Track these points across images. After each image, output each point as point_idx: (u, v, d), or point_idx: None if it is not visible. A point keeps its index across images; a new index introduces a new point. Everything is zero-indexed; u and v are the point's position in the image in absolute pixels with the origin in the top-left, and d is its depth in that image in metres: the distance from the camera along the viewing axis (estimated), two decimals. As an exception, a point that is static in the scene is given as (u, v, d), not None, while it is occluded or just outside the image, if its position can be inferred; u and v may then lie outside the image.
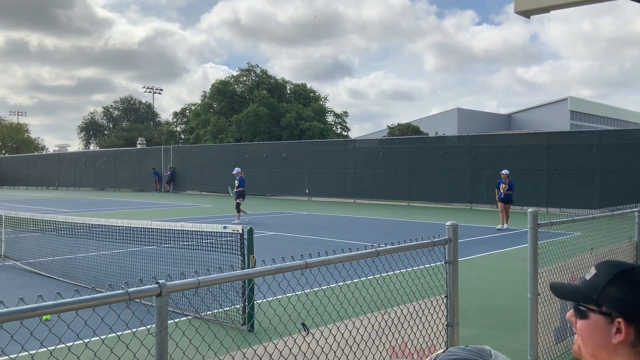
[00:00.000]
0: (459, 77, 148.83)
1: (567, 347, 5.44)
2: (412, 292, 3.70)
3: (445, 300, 3.73)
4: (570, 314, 1.38)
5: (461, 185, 25.41)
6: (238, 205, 18.43)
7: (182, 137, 59.25)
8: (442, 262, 3.76)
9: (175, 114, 61.99)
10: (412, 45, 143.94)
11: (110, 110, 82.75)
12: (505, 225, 16.64)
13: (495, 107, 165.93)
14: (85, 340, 2.28)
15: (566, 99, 68.36)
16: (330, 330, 3.07)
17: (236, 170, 19.38)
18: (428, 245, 3.49)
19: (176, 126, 62.52)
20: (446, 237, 3.64)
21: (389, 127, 54.41)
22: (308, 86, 54.83)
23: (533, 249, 4.76)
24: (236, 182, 18.71)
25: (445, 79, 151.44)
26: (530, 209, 4.83)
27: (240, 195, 18.53)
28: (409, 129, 50.59)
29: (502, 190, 16.88)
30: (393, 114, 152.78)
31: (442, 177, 26.22)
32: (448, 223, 3.69)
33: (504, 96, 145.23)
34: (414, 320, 3.53)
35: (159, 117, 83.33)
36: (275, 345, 2.81)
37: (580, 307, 1.34)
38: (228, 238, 6.92)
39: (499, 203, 17.02)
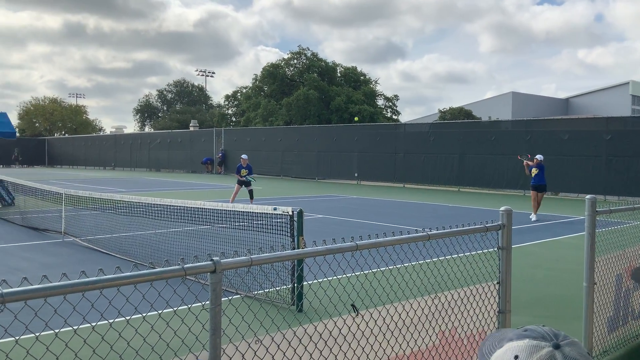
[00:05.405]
0: (517, 59, 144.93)
1: (620, 337, 5.29)
2: (464, 277, 3.65)
3: (497, 286, 3.67)
4: None
5: (514, 172, 24.82)
6: (251, 190, 18.11)
7: (233, 119, 60.05)
8: (494, 249, 3.70)
9: (227, 97, 62.84)
10: (468, 26, 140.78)
11: (165, 93, 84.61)
12: (534, 217, 15.32)
13: (554, 91, 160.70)
14: (143, 314, 2.37)
15: (628, 82, 65.48)
16: (379, 313, 3.07)
17: (244, 156, 18.76)
18: (481, 231, 3.43)
19: (227, 109, 63.40)
20: (500, 222, 3.57)
21: (440, 111, 53.55)
22: (359, 69, 54.55)
23: (590, 237, 4.61)
24: (245, 170, 18.03)
25: (502, 61, 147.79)
26: (588, 196, 4.67)
27: (250, 183, 18.18)
28: (461, 113, 49.66)
29: (532, 175, 15.50)
30: (446, 98, 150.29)
31: (494, 163, 25.68)
32: (502, 208, 3.61)
33: (563, 79, 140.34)
34: (465, 305, 3.50)
35: (211, 100, 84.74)
36: (325, 325, 2.84)
37: None
38: (278, 219, 7.00)
39: (532, 191, 15.64)
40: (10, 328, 2.14)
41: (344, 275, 3.15)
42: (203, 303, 2.34)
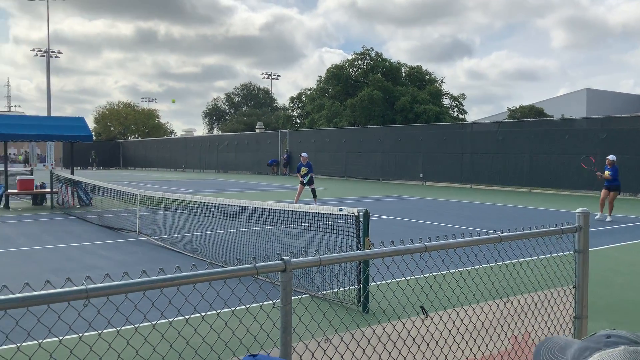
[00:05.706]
0: (591, 54, 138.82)
1: None
2: (537, 281, 3.55)
3: (573, 291, 3.54)
4: None
5: (590, 172, 23.76)
6: (314, 189, 18.09)
7: (298, 121, 60.65)
8: (570, 252, 3.57)
9: (292, 99, 63.51)
10: (539, 21, 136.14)
11: (232, 96, 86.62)
12: (609, 217, 14.84)
13: (632, 87, 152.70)
14: (217, 311, 2.44)
15: None
16: (449, 315, 3.03)
17: (304, 154, 18.75)
18: (556, 233, 3.32)
19: (292, 111, 64.09)
20: (576, 224, 3.44)
21: (509, 110, 52.04)
22: (424, 68, 53.81)
23: (674, 241, 4.37)
24: (304, 168, 18.00)
25: (575, 56, 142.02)
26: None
27: (312, 181, 18.14)
28: (531, 112, 48.08)
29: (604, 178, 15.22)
30: (515, 96, 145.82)
31: (568, 163, 24.70)
32: (578, 210, 3.48)
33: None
34: (539, 310, 3.39)
35: (276, 102, 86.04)
36: (394, 327, 2.83)
37: None
38: (344, 220, 7.01)
39: (603, 190, 15.26)
40: (93, 322, 2.25)
41: (412, 277, 3.12)
42: (274, 301, 2.38)
